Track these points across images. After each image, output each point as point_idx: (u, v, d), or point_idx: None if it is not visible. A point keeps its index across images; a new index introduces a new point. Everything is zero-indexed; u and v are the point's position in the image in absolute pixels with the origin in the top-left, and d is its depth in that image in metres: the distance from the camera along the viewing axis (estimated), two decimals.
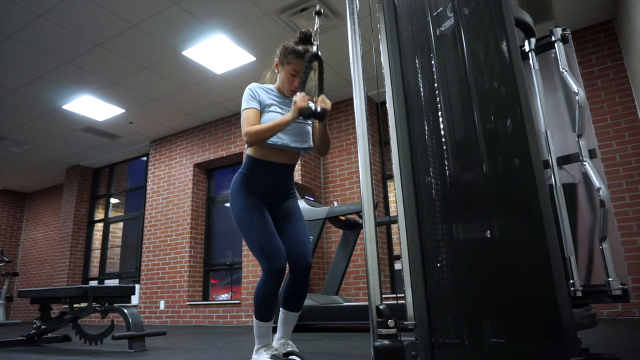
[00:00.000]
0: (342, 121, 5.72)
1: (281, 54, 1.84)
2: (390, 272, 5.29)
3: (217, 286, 6.37)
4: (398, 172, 1.27)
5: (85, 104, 5.70)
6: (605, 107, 4.18)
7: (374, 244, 1.20)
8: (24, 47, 4.40)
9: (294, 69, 1.81)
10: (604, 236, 1.37)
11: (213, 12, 4.00)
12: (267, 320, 1.76)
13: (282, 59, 1.84)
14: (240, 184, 1.83)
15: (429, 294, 1.16)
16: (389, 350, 1.09)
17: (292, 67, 1.80)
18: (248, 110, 1.79)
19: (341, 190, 5.52)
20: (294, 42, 1.82)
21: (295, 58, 1.79)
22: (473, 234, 1.26)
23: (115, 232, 7.78)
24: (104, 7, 3.88)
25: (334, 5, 3.96)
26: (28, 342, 3.30)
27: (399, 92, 1.33)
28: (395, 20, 1.40)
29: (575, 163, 1.52)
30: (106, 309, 3.01)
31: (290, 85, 1.84)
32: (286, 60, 1.81)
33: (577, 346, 1.14)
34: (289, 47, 1.80)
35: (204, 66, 4.89)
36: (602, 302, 1.38)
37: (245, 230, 1.77)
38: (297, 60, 1.79)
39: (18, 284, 9.06)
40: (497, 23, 1.37)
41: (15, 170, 8.19)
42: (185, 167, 6.57)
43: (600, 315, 3.81)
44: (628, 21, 3.72)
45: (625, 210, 3.91)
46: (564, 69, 1.55)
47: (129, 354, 2.61)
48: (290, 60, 1.80)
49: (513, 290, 1.18)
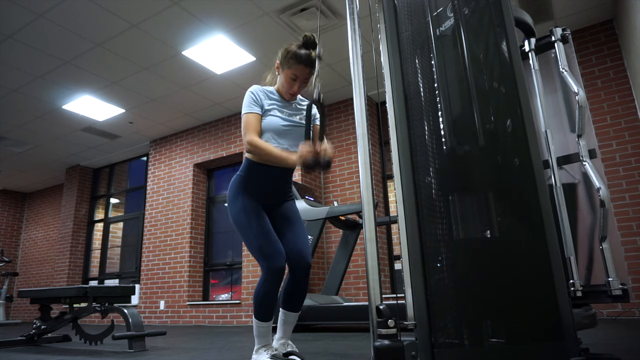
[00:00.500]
0: (342, 121, 5.72)
1: (282, 57, 1.82)
2: (390, 272, 5.29)
3: (217, 286, 6.37)
4: (398, 172, 1.27)
5: (85, 104, 5.69)
6: (605, 107, 4.18)
7: (374, 244, 1.20)
8: (24, 47, 4.40)
9: (294, 74, 1.79)
10: (604, 236, 1.37)
11: (213, 12, 4.00)
12: (267, 320, 1.76)
13: (283, 62, 1.82)
14: (239, 186, 1.83)
15: (429, 294, 1.16)
16: (389, 350, 1.09)
17: (292, 72, 1.79)
18: (250, 115, 1.78)
19: (341, 190, 5.52)
20: (296, 46, 1.80)
21: (297, 63, 1.77)
22: (473, 234, 1.26)
23: (115, 232, 7.78)
24: (104, 7, 3.88)
25: (334, 5, 3.96)
26: (28, 342, 3.30)
27: (399, 92, 1.33)
28: (395, 20, 1.40)
29: (575, 163, 1.52)
30: (106, 309, 3.01)
31: (290, 89, 1.83)
32: (287, 65, 1.80)
33: (577, 346, 1.14)
34: (291, 51, 1.79)
35: (204, 66, 4.89)
36: (602, 302, 1.38)
37: (243, 232, 1.77)
38: (298, 65, 1.77)
39: (18, 284, 9.06)
40: (497, 23, 1.37)
41: (15, 170, 8.19)
42: (185, 167, 6.57)
43: (600, 315, 3.81)
44: (628, 21, 3.72)
45: (625, 210, 3.91)
46: (564, 69, 1.55)
47: (129, 354, 2.61)
48: (291, 65, 1.79)
49: (513, 290, 1.18)
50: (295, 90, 1.83)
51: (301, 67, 1.78)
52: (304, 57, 1.77)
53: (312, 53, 1.78)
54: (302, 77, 1.80)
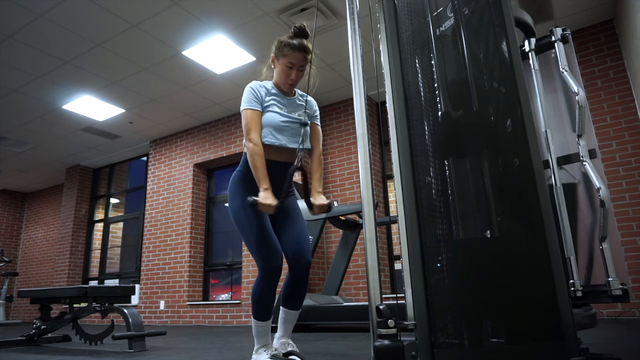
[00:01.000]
0: (342, 121, 5.72)
1: (276, 48, 1.86)
2: (390, 272, 5.29)
3: (217, 286, 6.37)
4: (398, 172, 1.27)
5: (85, 104, 5.69)
6: (605, 107, 4.18)
7: (374, 244, 1.20)
8: (24, 47, 4.40)
9: (289, 62, 1.82)
10: (604, 236, 1.37)
11: (213, 12, 4.00)
12: (265, 319, 1.76)
13: (277, 53, 1.85)
14: (239, 182, 1.83)
15: (429, 294, 1.15)
16: (389, 350, 1.09)
17: (287, 60, 1.82)
18: (249, 111, 1.79)
19: (341, 190, 5.52)
20: (287, 37, 1.84)
21: (291, 50, 1.80)
22: (473, 234, 1.26)
23: (115, 232, 7.78)
24: (104, 7, 3.88)
25: (334, 5, 3.96)
26: (28, 342, 3.30)
27: (399, 92, 1.33)
28: (395, 20, 1.40)
29: (575, 163, 1.52)
30: (106, 309, 3.00)
31: (287, 78, 1.85)
32: (281, 54, 1.83)
33: (577, 346, 1.14)
34: (284, 41, 1.83)
35: (204, 66, 4.89)
36: (602, 302, 1.38)
37: (242, 229, 1.77)
38: (293, 52, 1.80)
39: (18, 284, 9.06)
40: (497, 23, 1.37)
41: (15, 170, 8.19)
42: (185, 167, 6.57)
43: (600, 315, 3.81)
44: (628, 21, 3.72)
45: (625, 210, 3.91)
46: (564, 69, 1.55)
47: (129, 354, 2.61)
48: (285, 53, 1.82)
49: (513, 290, 1.18)
50: (293, 78, 1.85)
51: (296, 54, 1.81)
52: (298, 44, 1.80)
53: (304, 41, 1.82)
54: (297, 65, 1.83)
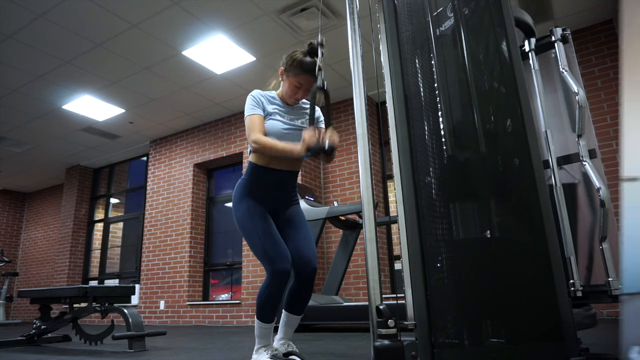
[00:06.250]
0: (342, 121, 5.72)
1: (287, 64, 1.82)
2: (390, 272, 5.29)
3: (217, 286, 6.37)
4: (398, 172, 1.27)
5: (85, 104, 5.69)
6: (605, 107, 4.18)
7: (374, 244, 1.20)
8: (24, 47, 4.39)
9: (299, 82, 1.79)
10: (604, 236, 1.37)
11: (213, 12, 4.00)
12: (269, 321, 1.75)
13: (287, 69, 1.82)
14: (243, 190, 1.83)
15: (429, 294, 1.16)
16: (389, 350, 1.09)
17: (297, 80, 1.79)
18: (253, 116, 1.78)
19: (341, 190, 5.52)
20: (301, 53, 1.79)
21: (302, 72, 1.77)
22: (473, 233, 1.26)
23: (115, 232, 7.78)
24: (104, 7, 3.88)
25: (334, 5, 3.96)
26: (28, 342, 3.30)
27: (399, 92, 1.33)
28: (395, 20, 1.40)
29: (575, 163, 1.52)
30: (106, 309, 3.00)
31: (294, 95, 1.83)
32: (292, 72, 1.80)
33: (577, 346, 1.14)
34: (297, 60, 1.78)
35: (204, 66, 4.89)
36: (602, 302, 1.38)
37: (248, 235, 1.76)
38: (304, 74, 1.77)
39: (18, 284, 9.06)
40: (497, 23, 1.37)
41: (15, 170, 8.18)
42: (185, 167, 6.57)
43: (600, 315, 3.81)
44: None
45: None
46: (564, 69, 1.55)
47: (129, 354, 2.61)
48: (296, 73, 1.78)
49: (513, 290, 1.18)
50: (298, 97, 1.84)
51: (305, 76, 1.78)
52: (310, 67, 1.76)
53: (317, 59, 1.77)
54: (306, 86, 1.80)
